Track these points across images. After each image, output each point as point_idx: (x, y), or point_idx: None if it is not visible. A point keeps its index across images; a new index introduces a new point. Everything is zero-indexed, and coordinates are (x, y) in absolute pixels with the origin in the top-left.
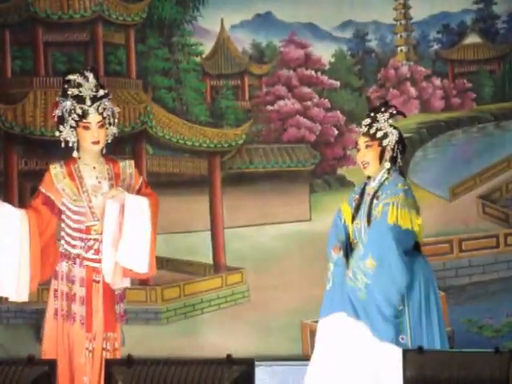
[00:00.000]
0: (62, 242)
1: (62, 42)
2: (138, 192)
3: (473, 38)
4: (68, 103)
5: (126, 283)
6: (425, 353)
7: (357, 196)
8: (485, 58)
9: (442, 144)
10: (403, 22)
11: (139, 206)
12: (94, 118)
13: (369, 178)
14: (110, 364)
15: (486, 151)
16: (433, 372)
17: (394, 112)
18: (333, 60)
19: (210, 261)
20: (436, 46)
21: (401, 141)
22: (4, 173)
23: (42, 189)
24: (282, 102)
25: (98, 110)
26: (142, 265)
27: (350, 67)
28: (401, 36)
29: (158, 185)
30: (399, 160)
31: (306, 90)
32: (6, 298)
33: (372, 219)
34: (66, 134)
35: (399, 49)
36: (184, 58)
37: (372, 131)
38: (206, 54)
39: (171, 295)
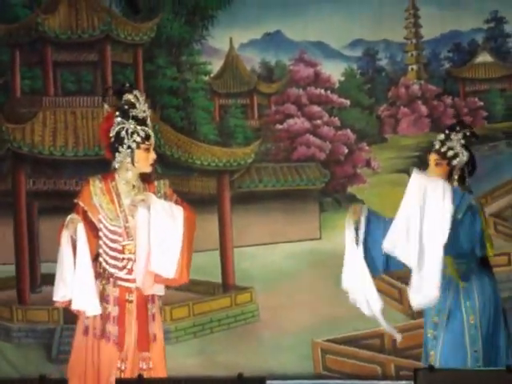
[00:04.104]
0: (100, 259)
1: (71, 62)
2: None
3: (484, 57)
4: (131, 124)
5: (160, 291)
6: (436, 371)
7: None
8: (496, 77)
9: None
10: (414, 40)
11: (168, 211)
12: (152, 140)
13: None
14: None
15: (497, 169)
16: None
17: (468, 134)
18: (343, 79)
19: (219, 280)
20: (447, 65)
21: (471, 163)
22: (12, 192)
23: (81, 203)
24: (291, 121)
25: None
26: (169, 270)
27: (360, 86)
28: (411, 54)
29: None
30: (467, 180)
31: (316, 108)
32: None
33: None
34: (123, 155)
35: (410, 67)
36: (192, 77)
37: (443, 149)
38: (215, 72)
39: (180, 314)
